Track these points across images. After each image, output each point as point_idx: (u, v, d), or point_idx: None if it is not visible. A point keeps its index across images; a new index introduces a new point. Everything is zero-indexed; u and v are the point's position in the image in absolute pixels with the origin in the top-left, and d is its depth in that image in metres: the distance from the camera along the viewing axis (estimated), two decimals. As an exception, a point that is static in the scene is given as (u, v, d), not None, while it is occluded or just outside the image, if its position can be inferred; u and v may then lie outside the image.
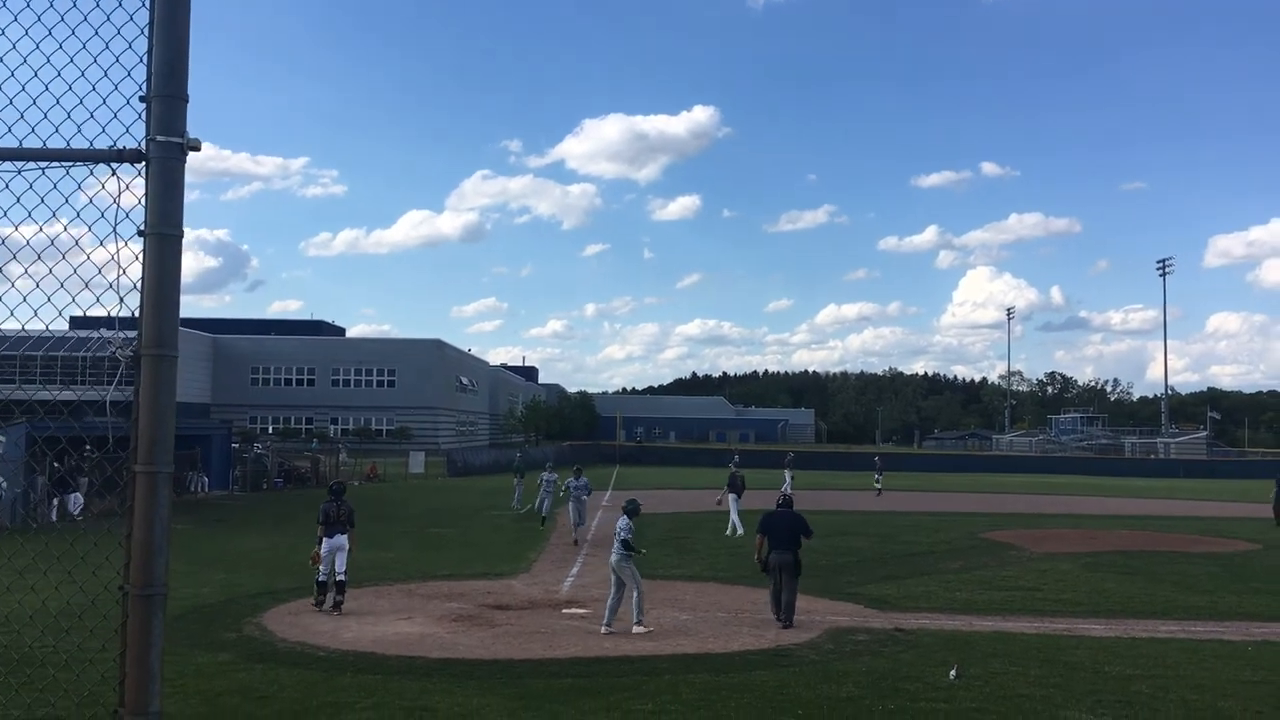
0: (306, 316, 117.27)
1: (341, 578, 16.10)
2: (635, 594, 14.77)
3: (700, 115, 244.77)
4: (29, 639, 9.42)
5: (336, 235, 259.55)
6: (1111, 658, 13.35)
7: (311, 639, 13.90)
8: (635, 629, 14.53)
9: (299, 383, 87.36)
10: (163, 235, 3.45)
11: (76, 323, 4.13)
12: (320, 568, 16.26)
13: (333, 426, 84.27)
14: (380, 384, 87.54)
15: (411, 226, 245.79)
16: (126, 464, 3.45)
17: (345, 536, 16.40)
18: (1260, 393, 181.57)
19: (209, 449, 41.37)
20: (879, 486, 48.24)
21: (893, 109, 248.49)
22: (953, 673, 12.07)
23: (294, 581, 18.16)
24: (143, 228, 3.46)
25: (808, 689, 11.48)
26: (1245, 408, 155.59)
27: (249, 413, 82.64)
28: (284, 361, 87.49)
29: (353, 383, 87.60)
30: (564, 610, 16.49)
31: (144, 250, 3.45)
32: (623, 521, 15.27)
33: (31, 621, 8.92)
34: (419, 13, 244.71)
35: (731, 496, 29.49)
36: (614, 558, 15.05)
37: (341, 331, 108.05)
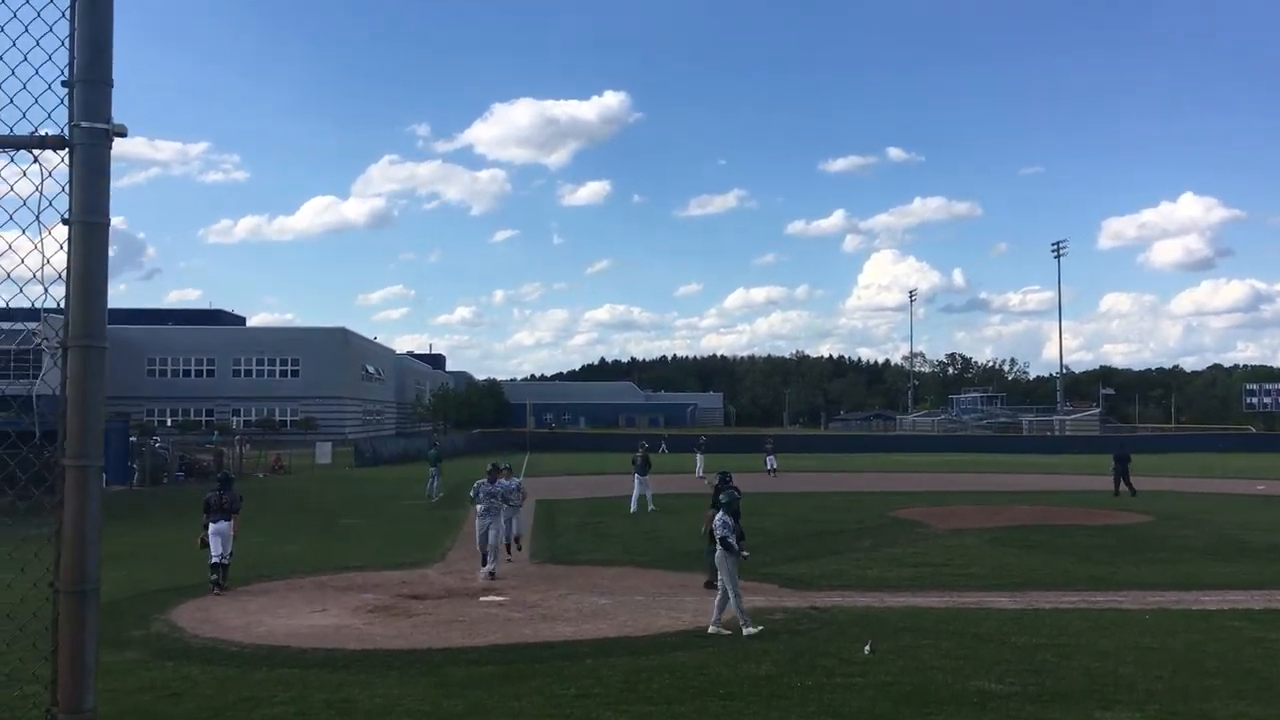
0: (205, 306, 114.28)
1: (225, 560, 17.05)
2: (725, 594, 13.79)
3: (611, 100, 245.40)
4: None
5: (238, 222, 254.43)
6: (1017, 629, 13.80)
7: (224, 634, 13.64)
8: (745, 631, 13.49)
9: (198, 374, 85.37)
10: (88, 224, 3.37)
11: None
12: (210, 550, 17.12)
13: (235, 418, 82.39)
14: (284, 374, 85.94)
15: (316, 213, 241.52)
16: (56, 457, 3.37)
17: (228, 523, 17.23)
18: (1149, 370, 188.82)
19: (106, 443, 39.59)
20: (771, 469, 47.65)
21: (801, 95, 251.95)
22: (867, 648, 12.36)
23: (201, 576, 17.71)
24: (67, 216, 3.37)
25: (727, 668, 11.64)
26: (1136, 384, 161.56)
27: (146, 405, 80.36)
28: (182, 352, 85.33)
29: (255, 373, 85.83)
30: (482, 598, 16.43)
31: (69, 239, 3.36)
32: (720, 518, 14.28)
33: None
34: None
35: (638, 476, 30.38)
36: (715, 555, 14.10)
37: (242, 321, 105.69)
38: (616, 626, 14.09)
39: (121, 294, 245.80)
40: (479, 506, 19.37)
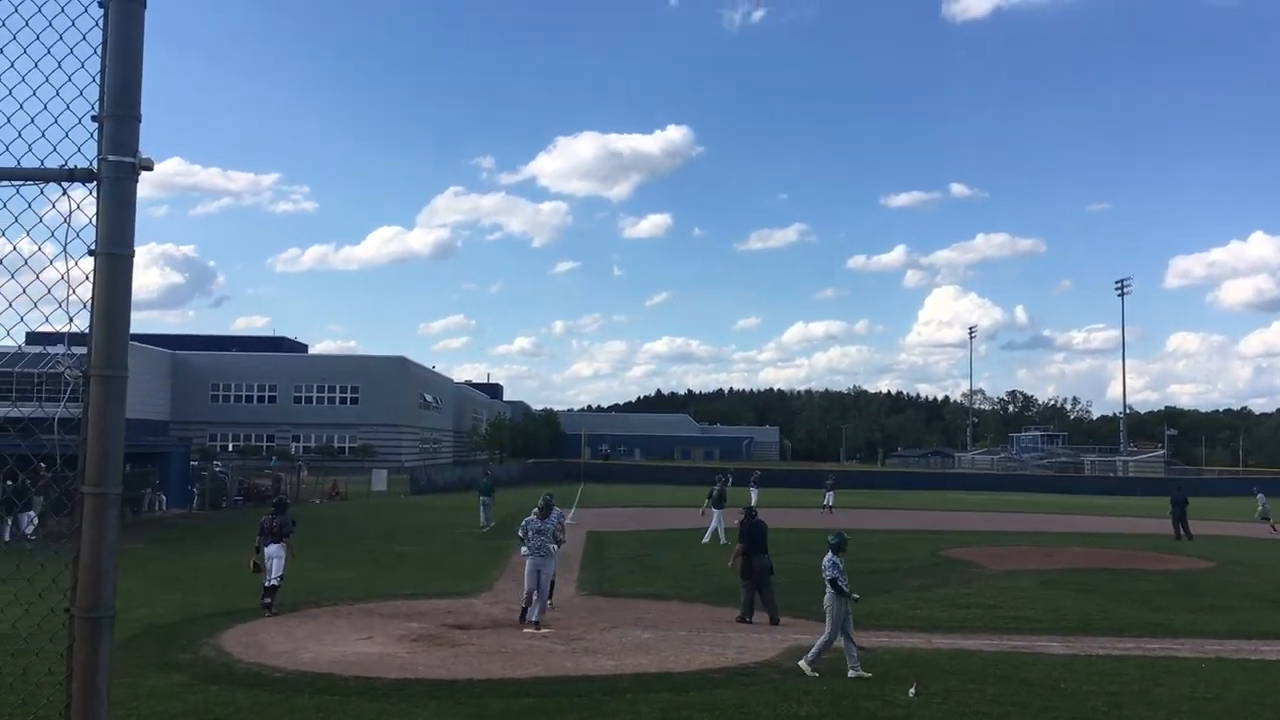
0: (271, 333, 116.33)
1: (273, 582, 17.56)
2: (823, 636, 13.41)
3: (674, 134, 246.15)
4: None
5: (305, 251, 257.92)
6: (1068, 675, 13.48)
7: (269, 659, 13.76)
8: (801, 663, 13.33)
9: (260, 399, 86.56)
10: (113, 255, 3.43)
11: (32, 338, 4.09)
12: (268, 573, 17.70)
13: (294, 444, 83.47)
14: (343, 401, 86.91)
15: (381, 243, 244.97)
16: (75, 484, 3.43)
17: (279, 545, 17.76)
18: (1217, 411, 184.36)
19: (167, 466, 40.90)
20: (827, 505, 47.31)
21: (864, 129, 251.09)
22: (912, 690, 12.15)
23: (253, 600, 17.97)
24: (93, 247, 3.44)
25: (768, 708, 11.50)
26: (1203, 426, 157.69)
27: (208, 430, 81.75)
28: (244, 378, 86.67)
29: (315, 400, 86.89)
30: (525, 630, 16.41)
31: (94, 270, 3.43)
32: (828, 559, 13.72)
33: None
34: (394, 29, 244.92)
35: (715, 509, 31.84)
36: (825, 597, 13.57)
37: (304, 348, 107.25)
38: (659, 661, 14.00)
39: (190, 320, 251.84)
40: (525, 546, 17.18)
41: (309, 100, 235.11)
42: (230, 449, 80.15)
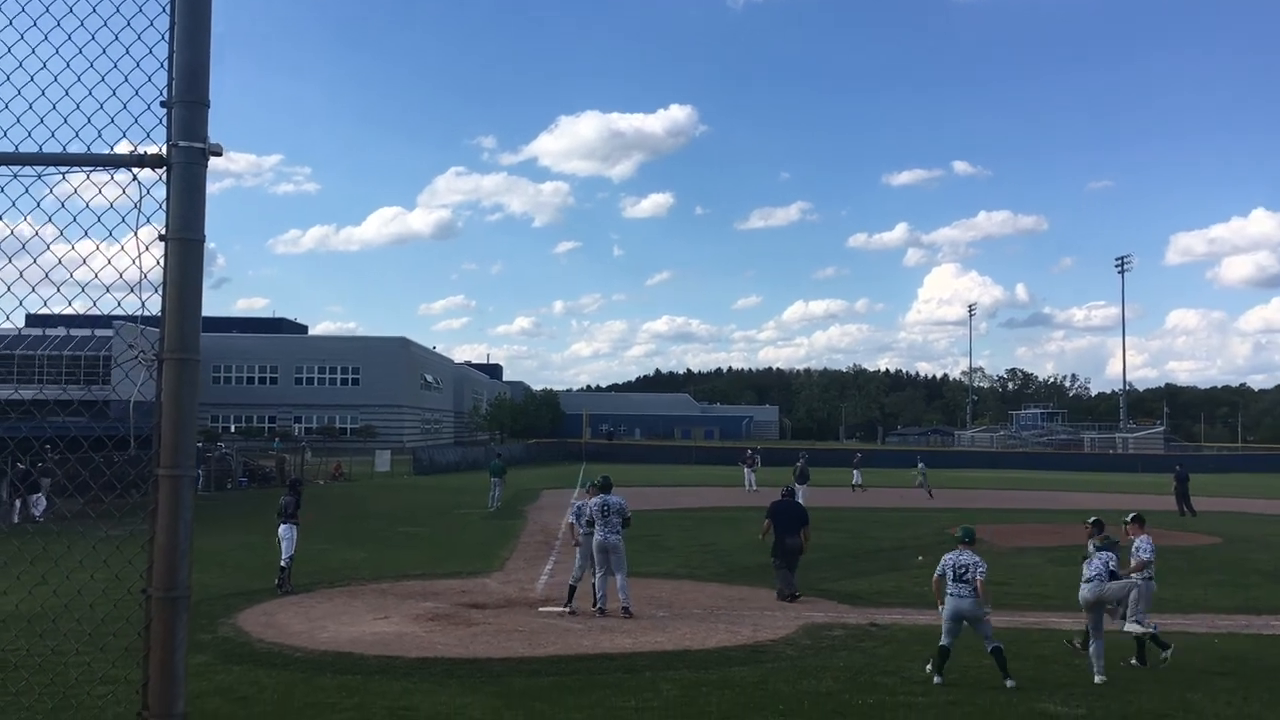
0: (271, 314, 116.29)
1: (284, 563, 17.94)
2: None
3: (677, 114, 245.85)
4: (3, 643, 9.32)
5: (306, 232, 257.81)
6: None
7: (288, 639, 13.84)
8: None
9: (261, 381, 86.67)
10: (184, 240, 3.47)
11: (32, 321, 4.11)
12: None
13: (296, 425, 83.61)
14: (345, 382, 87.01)
15: (382, 223, 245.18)
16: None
17: (289, 526, 18.15)
18: (1216, 388, 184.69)
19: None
20: (856, 484, 47.55)
21: (867, 108, 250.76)
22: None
23: (265, 581, 18.08)
24: (164, 232, 3.46)
25: (787, 684, 11.59)
26: (1202, 403, 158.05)
27: (211, 411, 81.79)
28: (246, 360, 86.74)
29: (316, 381, 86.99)
30: (540, 609, 16.51)
31: (165, 255, 3.46)
32: (1106, 555, 13.08)
33: (4, 625, 8.79)
34: (396, 9, 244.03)
35: (799, 486, 33.20)
36: (1096, 596, 12.66)
37: (304, 329, 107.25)
38: (675, 640, 14.09)
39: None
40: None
41: (311, 81, 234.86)
42: (232, 430, 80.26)
